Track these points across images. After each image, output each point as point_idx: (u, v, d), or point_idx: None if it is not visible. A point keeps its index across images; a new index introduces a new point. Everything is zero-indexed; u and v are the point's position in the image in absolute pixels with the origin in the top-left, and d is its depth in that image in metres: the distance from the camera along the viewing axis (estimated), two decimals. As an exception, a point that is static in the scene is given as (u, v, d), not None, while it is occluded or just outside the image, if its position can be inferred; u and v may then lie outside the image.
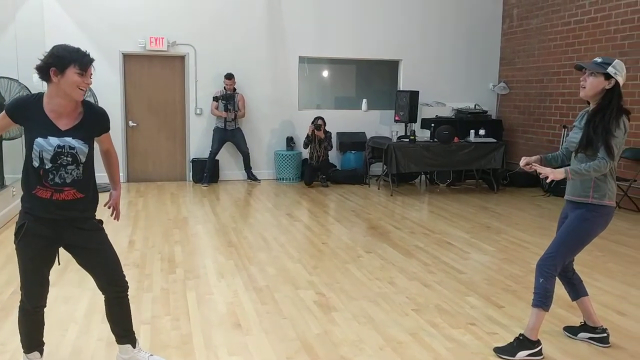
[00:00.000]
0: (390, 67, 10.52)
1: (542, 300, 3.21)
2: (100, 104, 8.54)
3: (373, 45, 9.98)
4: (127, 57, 9.00)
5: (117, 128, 8.86)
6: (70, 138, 2.64)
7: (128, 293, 2.93)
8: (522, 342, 3.27)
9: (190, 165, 9.38)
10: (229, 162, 9.53)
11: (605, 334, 3.46)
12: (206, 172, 9.03)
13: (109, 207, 3.03)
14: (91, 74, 2.64)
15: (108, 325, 3.53)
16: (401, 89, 10.15)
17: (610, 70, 3.09)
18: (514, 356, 3.25)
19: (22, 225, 2.66)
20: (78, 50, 2.61)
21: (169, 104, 9.31)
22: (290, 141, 9.65)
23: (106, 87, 8.69)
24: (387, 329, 3.63)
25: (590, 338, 3.48)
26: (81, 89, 2.58)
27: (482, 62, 10.57)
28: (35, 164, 2.61)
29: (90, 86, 8.75)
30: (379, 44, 10.01)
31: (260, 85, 9.54)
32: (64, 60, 2.53)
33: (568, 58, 8.86)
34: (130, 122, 9.09)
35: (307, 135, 9.21)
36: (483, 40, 10.52)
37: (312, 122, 9.13)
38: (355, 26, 9.84)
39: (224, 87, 8.97)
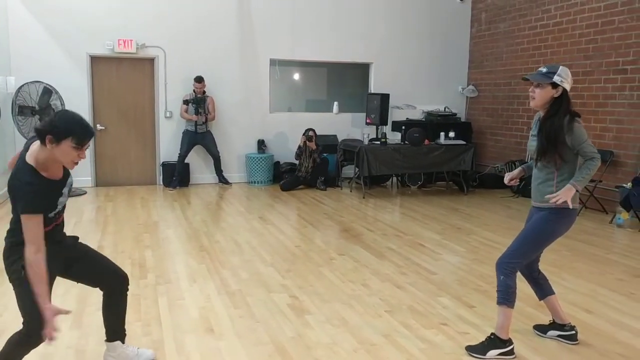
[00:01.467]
0: (361, 70, 10.57)
1: (505, 297, 3.25)
2: (67, 107, 8.40)
3: (344, 49, 10.02)
4: (95, 60, 8.85)
5: (85, 131, 8.68)
6: (69, 178, 2.74)
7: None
8: (493, 341, 3.32)
9: (160, 169, 9.27)
10: (199, 165, 9.45)
11: (573, 331, 3.53)
12: (175, 176, 8.93)
13: None
14: (87, 147, 2.61)
15: (77, 332, 3.49)
16: (372, 91, 10.20)
17: (556, 79, 3.16)
18: (484, 355, 3.29)
19: None
20: (81, 123, 2.55)
21: (139, 107, 9.18)
22: (261, 144, 9.61)
23: (73, 90, 8.53)
24: (361, 331, 3.64)
25: (559, 335, 3.54)
26: (74, 162, 2.59)
27: (452, 65, 10.70)
28: (52, 215, 2.64)
29: (57, 89, 8.50)
30: (350, 47, 10.05)
31: (230, 88, 9.49)
32: (62, 132, 2.48)
33: (535, 61, 9.03)
34: (98, 125, 8.93)
35: (299, 146, 9.19)
36: (452, 44, 10.66)
37: (304, 134, 9.11)
38: (327, 29, 9.87)
39: (194, 90, 8.89)
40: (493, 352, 3.29)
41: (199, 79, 8.82)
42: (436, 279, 4.76)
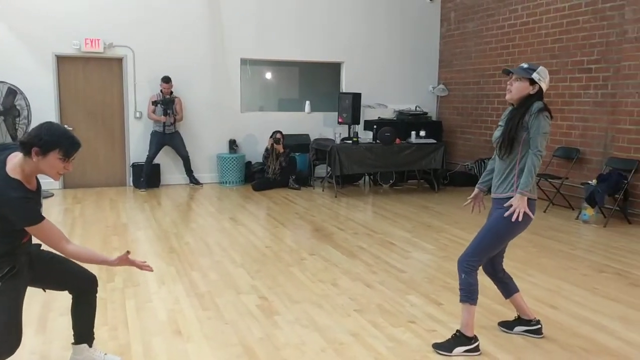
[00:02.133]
0: (333, 70, 10.60)
1: (468, 295, 3.30)
2: (33, 108, 8.25)
3: (315, 48, 10.03)
4: (61, 59, 8.70)
5: (52, 133, 8.54)
6: (40, 187, 2.74)
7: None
8: (459, 339, 3.36)
9: (130, 170, 9.16)
10: (169, 166, 9.36)
11: (539, 326, 3.60)
12: (143, 177, 8.83)
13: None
14: (74, 159, 2.64)
15: (41, 338, 3.45)
16: (344, 91, 10.24)
17: (535, 76, 3.24)
18: (450, 352, 3.33)
19: (11, 267, 2.60)
20: (68, 136, 2.58)
21: (107, 108, 9.06)
22: (232, 144, 9.57)
23: (39, 90, 8.38)
24: (329, 331, 3.65)
25: (525, 331, 3.61)
26: (59, 174, 2.61)
27: (422, 64, 10.79)
28: (26, 233, 2.65)
29: (22, 89, 8.31)
30: (322, 47, 10.06)
31: (201, 88, 9.42)
32: (49, 144, 2.50)
33: (503, 60, 9.16)
34: (65, 126, 8.76)
35: (267, 148, 9.17)
36: (422, 43, 10.75)
37: (271, 136, 9.09)
38: (298, 28, 9.86)
39: (161, 91, 8.79)
40: (459, 349, 3.34)
41: (167, 79, 8.73)
42: (405, 277, 4.80)
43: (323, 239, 6.04)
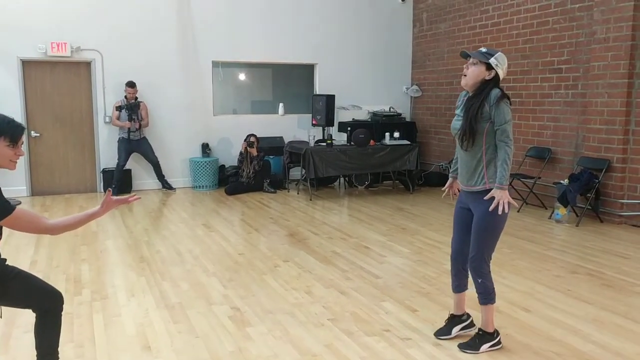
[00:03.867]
0: (306, 71, 10.53)
1: (488, 297, 3.36)
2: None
3: (288, 49, 9.95)
4: (27, 64, 8.48)
5: (18, 139, 8.33)
6: None
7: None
8: (483, 337, 3.41)
9: (101, 175, 8.97)
10: (140, 171, 9.20)
11: (470, 318, 3.63)
12: (114, 184, 8.65)
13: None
14: (22, 143, 2.56)
15: (4, 358, 3.32)
16: (317, 92, 10.17)
17: (492, 61, 3.20)
18: (478, 350, 3.38)
19: None
20: (6, 120, 2.51)
21: (76, 113, 8.86)
22: (205, 148, 9.44)
23: (3, 95, 8.16)
24: (302, 342, 3.59)
25: (462, 329, 3.61)
26: (13, 161, 2.53)
27: (395, 65, 10.78)
28: None
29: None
30: (294, 48, 9.99)
31: (172, 92, 9.27)
32: None
33: (475, 61, 9.18)
34: (32, 132, 8.57)
35: (241, 152, 9.06)
36: (395, 44, 10.74)
37: (245, 140, 8.98)
38: (270, 30, 9.77)
39: (125, 96, 8.60)
40: (485, 346, 3.40)
41: (131, 84, 8.54)
42: (380, 282, 4.76)
43: (297, 245, 5.97)
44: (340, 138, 9.33)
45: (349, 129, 9.10)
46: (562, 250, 5.80)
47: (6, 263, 2.78)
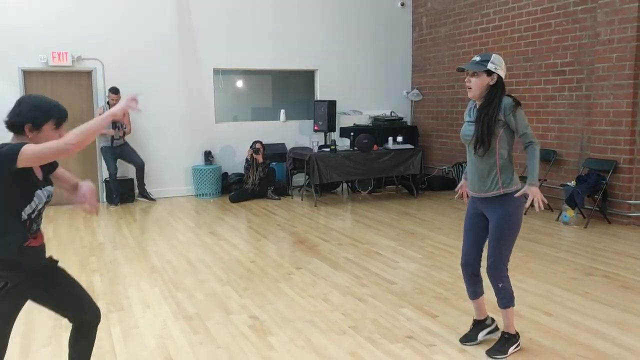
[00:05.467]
0: (306, 77, 10.51)
1: (508, 300, 3.37)
2: None
3: (289, 56, 9.93)
4: (28, 74, 8.41)
5: (19, 150, 8.26)
6: (50, 186, 2.61)
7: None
8: (508, 340, 3.43)
9: (103, 185, 8.90)
10: (144, 179, 9.11)
11: (495, 322, 3.62)
12: (115, 194, 8.57)
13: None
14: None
15: (24, 374, 3.26)
16: (318, 98, 10.16)
17: (490, 66, 3.21)
18: (506, 354, 3.40)
19: (4, 284, 2.38)
20: (55, 104, 2.51)
21: (77, 122, 8.50)
22: (208, 155, 9.39)
23: (5, 106, 8.02)
24: (326, 350, 3.55)
25: (487, 333, 3.59)
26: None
27: (396, 69, 10.79)
28: (25, 216, 2.45)
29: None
30: (294, 55, 9.97)
31: (174, 99, 9.22)
32: (40, 117, 2.43)
33: (476, 64, 9.19)
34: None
35: (247, 159, 9.02)
36: (395, 49, 10.75)
37: (251, 147, 8.94)
38: (270, 37, 9.75)
39: (107, 102, 8.46)
40: (511, 349, 3.43)
41: (115, 90, 8.38)
42: (396, 288, 4.72)
43: (308, 252, 5.93)
44: (343, 143, 9.30)
45: (351, 134, 9.09)
46: (573, 252, 5.79)
47: (57, 265, 2.73)
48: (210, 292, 4.68)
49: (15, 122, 2.43)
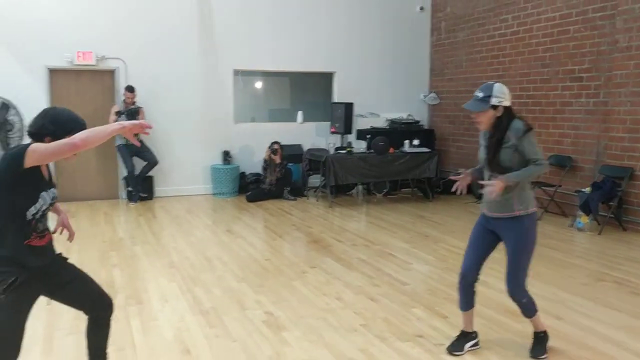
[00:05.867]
0: (323, 79, 10.62)
1: (532, 310, 3.51)
2: (26, 121, 8.13)
3: (307, 58, 10.05)
4: (54, 72, 8.64)
5: (43, 146, 8.48)
6: (54, 188, 2.71)
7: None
8: (542, 338, 3.57)
9: (122, 182, 9.09)
10: (161, 178, 9.30)
11: (478, 336, 3.68)
12: (134, 191, 8.73)
13: (61, 230, 3.01)
14: None
15: (48, 358, 3.40)
16: (336, 100, 10.26)
17: (494, 101, 3.22)
18: (546, 351, 3.55)
19: (14, 279, 2.49)
20: (75, 119, 2.64)
21: (99, 120, 8.84)
22: (226, 155, 9.54)
23: (32, 103, 8.22)
24: (338, 346, 3.65)
25: (472, 345, 3.63)
26: (76, 154, 2.60)
27: (413, 73, 10.85)
28: (30, 217, 2.55)
29: (15, 103, 8.26)
30: (313, 57, 10.09)
31: (193, 99, 9.39)
32: (60, 131, 2.54)
33: (494, 69, 9.24)
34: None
35: (264, 159, 9.16)
36: (413, 52, 10.82)
37: (269, 147, 9.08)
38: (289, 39, 9.88)
39: (124, 100, 8.59)
40: (546, 346, 3.57)
41: (131, 89, 8.53)
42: (408, 289, 4.81)
43: (322, 251, 6.03)
44: (359, 146, 9.39)
45: (368, 136, 9.17)
46: (586, 258, 5.83)
47: (67, 261, 2.85)
48: (226, 288, 4.81)
49: (37, 133, 2.56)
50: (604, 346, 3.67)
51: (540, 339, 3.58)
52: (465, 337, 3.64)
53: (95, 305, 2.89)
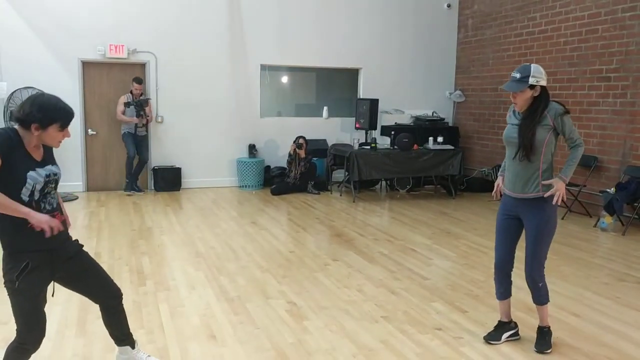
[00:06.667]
0: (349, 75, 10.70)
1: (545, 298, 3.58)
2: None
3: (334, 54, 10.14)
4: (86, 65, 8.88)
5: (75, 136, 8.73)
6: (50, 165, 2.71)
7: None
8: (548, 332, 3.63)
9: (151, 173, 9.31)
10: (189, 169, 9.50)
11: (517, 326, 3.78)
12: (128, 177, 8.81)
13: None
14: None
15: (82, 340, 3.58)
16: (361, 97, 10.33)
17: (532, 81, 3.31)
18: (551, 346, 3.58)
19: (25, 265, 2.58)
20: (62, 108, 2.64)
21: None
22: (252, 149, 9.70)
23: (64, 95, 8.35)
24: (359, 337, 3.75)
25: (510, 335, 3.72)
26: (60, 142, 2.69)
27: (439, 70, 10.87)
28: (26, 198, 2.58)
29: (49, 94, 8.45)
30: (340, 53, 10.17)
31: (221, 93, 9.56)
32: (46, 119, 2.57)
33: (521, 68, 9.20)
34: (89, 130, 8.96)
35: (290, 153, 9.31)
36: (440, 50, 10.83)
37: (294, 141, 9.22)
38: (317, 35, 9.98)
39: (131, 91, 8.68)
40: (550, 341, 3.62)
41: (139, 80, 8.66)
42: (429, 284, 4.89)
43: (345, 245, 6.14)
44: (383, 142, 9.46)
45: (392, 133, 9.23)
46: (609, 259, 5.83)
47: (83, 249, 2.95)
48: (250, 277, 4.95)
49: (24, 120, 2.55)
50: (620, 343, 3.71)
51: (545, 334, 3.64)
52: (503, 327, 3.74)
53: (105, 296, 3.00)
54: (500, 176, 3.75)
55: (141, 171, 9.03)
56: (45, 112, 2.57)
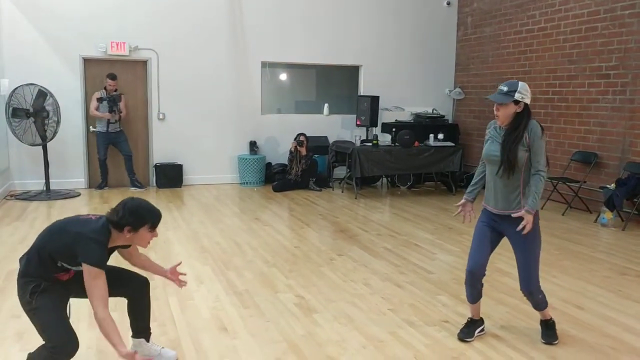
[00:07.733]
0: (349, 72, 10.75)
1: (545, 304, 3.66)
2: (62, 110, 8.40)
3: (334, 51, 10.19)
4: (88, 62, 8.91)
5: (77, 133, 8.77)
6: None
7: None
8: (552, 324, 3.72)
9: (153, 170, 9.35)
10: (191, 166, 9.54)
11: (484, 323, 3.83)
12: (102, 178, 8.89)
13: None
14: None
15: (96, 333, 3.61)
16: (362, 94, 10.39)
17: (517, 96, 3.33)
18: (557, 337, 3.69)
19: (37, 284, 2.78)
20: (150, 209, 2.88)
21: (131, 109, 9.23)
22: (253, 145, 9.74)
23: (66, 92, 8.59)
24: (367, 328, 3.81)
25: (479, 331, 3.77)
26: (149, 242, 2.92)
27: (439, 68, 10.94)
28: (60, 264, 2.83)
29: (50, 91, 8.51)
30: (340, 50, 10.23)
31: (222, 90, 9.61)
32: (139, 222, 2.81)
33: (520, 65, 9.29)
34: (91, 127, 8.98)
35: (290, 151, 9.36)
36: (439, 47, 10.89)
37: (295, 139, 9.27)
38: (317, 32, 10.03)
39: (105, 87, 8.66)
40: (556, 332, 3.72)
41: (113, 76, 8.62)
42: (434, 278, 4.96)
43: (349, 240, 6.20)
44: (384, 139, 9.52)
45: (393, 130, 9.30)
46: (609, 253, 5.91)
47: None
48: (257, 272, 5.01)
49: (118, 222, 2.78)
50: (623, 334, 3.79)
51: (550, 326, 3.72)
52: (475, 324, 3.78)
53: (130, 289, 3.15)
54: (466, 198, 3.79)
55: (132, 166, 8.99)
56: (137, 215, 2.81)
